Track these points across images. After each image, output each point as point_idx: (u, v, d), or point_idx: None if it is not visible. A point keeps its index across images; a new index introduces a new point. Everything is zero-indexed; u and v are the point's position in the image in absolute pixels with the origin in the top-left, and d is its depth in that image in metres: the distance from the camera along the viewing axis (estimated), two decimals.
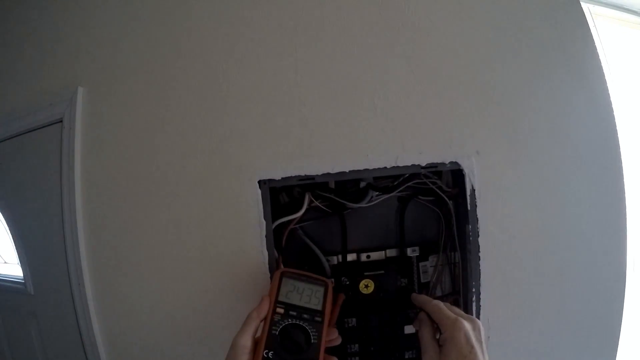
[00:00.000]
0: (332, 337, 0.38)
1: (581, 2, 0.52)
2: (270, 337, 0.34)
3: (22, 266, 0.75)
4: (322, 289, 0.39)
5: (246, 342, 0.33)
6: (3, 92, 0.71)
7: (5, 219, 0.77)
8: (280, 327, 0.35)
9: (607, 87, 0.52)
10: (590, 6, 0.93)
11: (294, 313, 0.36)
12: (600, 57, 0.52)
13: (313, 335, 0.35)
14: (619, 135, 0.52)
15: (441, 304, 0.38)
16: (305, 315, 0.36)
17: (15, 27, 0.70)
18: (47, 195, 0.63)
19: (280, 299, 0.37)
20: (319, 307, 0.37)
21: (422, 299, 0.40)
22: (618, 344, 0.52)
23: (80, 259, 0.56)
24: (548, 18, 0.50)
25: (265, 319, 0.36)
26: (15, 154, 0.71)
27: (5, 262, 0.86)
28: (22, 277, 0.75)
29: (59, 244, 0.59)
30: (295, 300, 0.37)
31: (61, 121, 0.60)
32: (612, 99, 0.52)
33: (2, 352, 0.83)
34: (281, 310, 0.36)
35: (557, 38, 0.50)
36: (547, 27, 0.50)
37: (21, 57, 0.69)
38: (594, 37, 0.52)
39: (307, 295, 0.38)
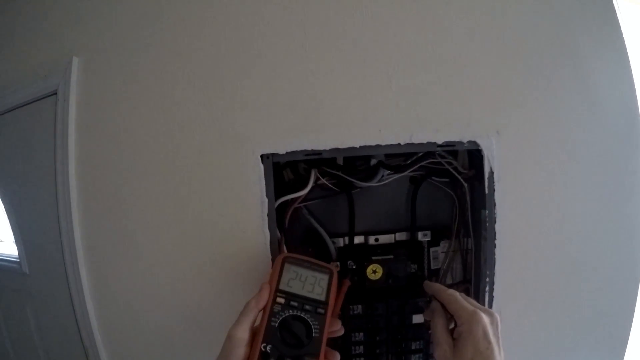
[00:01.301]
0: (335, 328, 0.35)
1: None
2: (269, 329, 0.32)
3: (17, 245, 0.74)
4: (326, 277, 0.36)
5: (243, 334, 0.31)
6: None
7: (0, 196, 0.75)
8: (280, 318, 0.33)
9: (632, 68, 0.48)
10: None
11: (295, 303, 0.34)
12: (625, 39, 0.49)
13: (315, 329, 0.33)
14: None
15: (457, 294, 0.35)
16: (307, 306, 0.34)
17: None
18: (42, 171, 0.61)
19: (281, 287, 0.35)
20: (323, 298, 0.35)
21: (436, 287, 0.38)
22: (629, 335, 0.51)
23: (73, 237, 0.54)
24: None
25: (264, 309, 0.33)
26: (9, 128, 0.69)
27: (1, 241, 0.85)
28: (17, 256, 0.74)
29: (54, 221, 0.58)
30: (297, 289, 0.35)
31: (55, 93, 0.57)
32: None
33: None
34: (282, 300, 0.34)
35: (584, 19, 0.47)
36: (573, 8, 0.46)
37: (13, 27, 0.66)
38: (619, 20, 0.49)
39: (310, 283, 0.35)
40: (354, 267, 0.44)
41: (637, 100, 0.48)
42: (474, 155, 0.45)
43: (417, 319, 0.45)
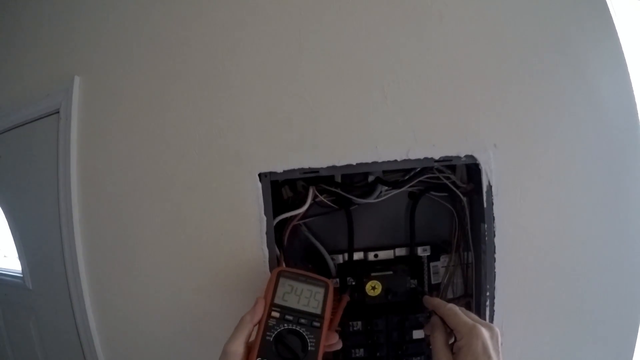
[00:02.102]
0: (332, 341, 0.35)
1: None
2: (264, 343, 0.32)
3: (20, 260, 0.74)
4: (322, 291, 0.36)
5: (238, 348, 0.31)
6: (0, 83, 0.70)
7: (4, 212, 0.76)
8: (275, 332, 0.33)
9: (629, 75, 0.49)
10: None
11: (291, 317, 0.34)
12: (623, 46, 0.49)
13: (310, 342, 0.33)
14: None
15: (457, 308, 0.35)
16: (302, 320, 0.34)
17: (11, 16, 0.69)
18: (45, 188, 0.61)
19: (276, 301, 0.35)
20: (318, 311, 0.35)
21: (435, 302, 0.38)
22: (634, 349, 0.50)
23: (76, 253, 0.54)
24: (570, 8, 0.47)
25: (259, 323, 0.33)
26: (13, 146, 0.70)
27: (4, 256, 0.86)
28: (21, 272, 0.75)
29: (56, 238, 0.58)
30: (292, 302, 0.35)
31: (58, 112, 0.58)
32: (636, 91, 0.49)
33: (1, 345, 0.82)
34: (277, 314, 0.34)
35: (580, 25, 0.47)
36: (570, 13, 0.46)
37: (17, 47, 0.68)
38: (616, 25, 0.49)
39: (306, 297, 0.35)
40: (354, 283, 0.44)
41: (636, 109, 0.48)
42: (472, 169, 0.45)
43: (418, 334, 0.45)
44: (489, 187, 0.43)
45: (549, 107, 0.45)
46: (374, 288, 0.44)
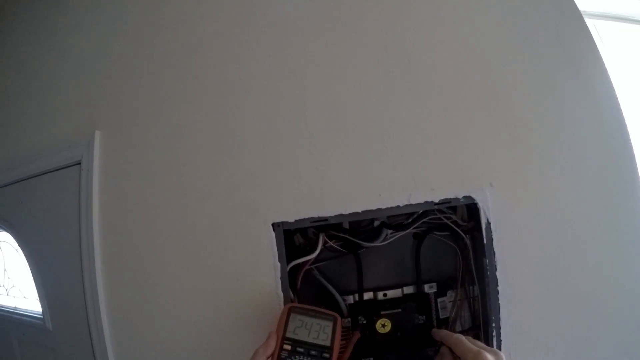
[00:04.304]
0: None
1: (586, 20, 0.53)
2: None
3: (40, 302, 0.76)
4: (330, 324, 0.38)
5: None
6: (26, 133, 0.74)
7: (25, 255, 0.79)
8: None
9: (620, 108, 0.51)
10: (596, 22, 0.93)
11: (302, 349, 0.36)
12: (610, 75, 0.52)
13: None
14: (635, 155, 0.51)
15: (463, 338, 0.37)
16: (312, 352, 0.36)
17: (37, 71, 0.74)
18: (66, 233, 0.64)
19: (288, 335, 0.37)
20: (327, 343, 0.37)
21: (443, 333, 0.40)
22: None
23: (97, 296, 0.57)
24: (556, 44, 0.50)
25: (272, 355, 0.35)
26: (35, 192, 0.73)
27: (24, 297, 0.88)
28: (41, 313, 0.77)
29: (77, 281, 0.60)
30: (303, 336, 0.37)
31: (79, 163, 0.62)
32: (625, 119, 0.51)
33: None
34: (288, 347, 0.36)
35: (567, 64, 0.50)
36: (557, 54, 0.50)
37: (42, 100, 0.72)
38: (603, 56, 0.53)
39: (316, 330, 0.38)
40: (365, 322, 0.46)
41: (629, 138, 0.50)
42: (472, 208, 0.47)
43: None
44: (488, 223, 0.46)
45: (539, 145, 0.48)
46: (384, 325, 0.46)
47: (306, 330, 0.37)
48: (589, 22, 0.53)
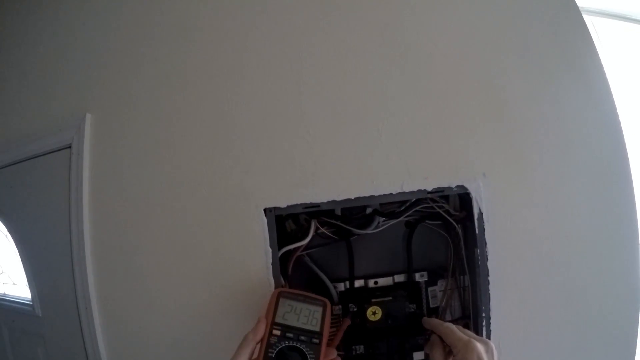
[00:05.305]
0: (331, 357, 0.37)
1: (584, 16, 0.53)
2: (267, 359, 0.34)
3: (30, 288, 0.76)
4: (320, 309, 0.38)
5: None
6: (15, 116, 0.73)
7: (15, 241, 0.78)
8: (277, 349, 0.35)
9: (614, 102, 0.52)
10: (593, 18, 0.93)
11: (291, 335, 0.36)
12: (606, 71, 0.52)
13: (310, 358, 0.35)
14: (628, 151, 0.51)
15: (453, 326, 0.37)
16: (302, 337, 0.36)
17: (27, 53, 0.72)
18: (56, 218, 0.64)
19: (277, 320, 0.37)
20: (317, 328, 0.37)
21: (433, 322, 0.40)
22: None
23: (87, 282, 0.56)
24: (552, 36, 0.50)
25: (261, 340, 0.35)
26: (25, 177, 0.72)
27: (14, 284, 0.87)
28: (30, 299, 0.76)
29: (67, 266, 0.60)
30: (292, 321, 0.37)
31: (70, 147, 0.61)
32: (619, 114, 0.52)
33: None
34: (278, 332, 0.36)
35: (563, 56, 0.50)
36: (552, 46, 0.50)
37: (32, 83, 0.71)
38: (599, 52, 0.53)
39: (305, 315, 0.38)
40: (355, 309, 0.46)
41: (622, 132, 0.51)
42: (464, 198, 0.47)
43: (418, 356, 0.47)
44: (480, 214, 0.46)
45: (533, 136, 0.48)
46: (374, 313, 0.46)
47: (295, 315, 0.37)
48: (586, 18, 0.53)
